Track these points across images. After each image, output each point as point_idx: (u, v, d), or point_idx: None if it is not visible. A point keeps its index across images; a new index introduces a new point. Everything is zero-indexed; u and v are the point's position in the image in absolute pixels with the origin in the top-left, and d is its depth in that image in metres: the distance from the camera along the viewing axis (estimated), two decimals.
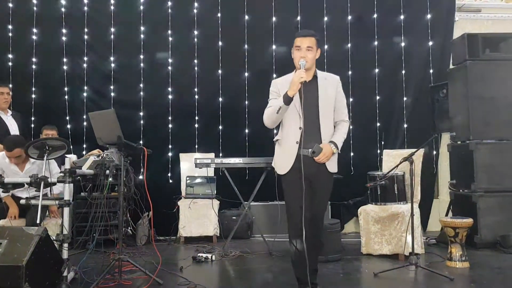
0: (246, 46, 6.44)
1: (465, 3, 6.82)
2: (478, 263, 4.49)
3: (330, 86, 3.32)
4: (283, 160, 3.30)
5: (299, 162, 3.14)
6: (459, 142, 5.66)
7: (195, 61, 6.38)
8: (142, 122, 6.29)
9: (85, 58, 6.25)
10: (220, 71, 6.40)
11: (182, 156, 6.15)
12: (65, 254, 3.42)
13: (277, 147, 3.41)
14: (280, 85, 3.32)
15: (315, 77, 3.31)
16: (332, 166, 3.31)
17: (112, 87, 6.27)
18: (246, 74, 6.44)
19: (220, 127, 6.40)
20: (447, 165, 6.15)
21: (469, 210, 5.16)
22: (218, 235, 5.68)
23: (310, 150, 3.16)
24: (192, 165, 5.42)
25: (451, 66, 6.06)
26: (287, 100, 3.12)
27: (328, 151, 3.18)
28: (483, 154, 5.31)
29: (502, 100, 5.38)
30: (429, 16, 6.55)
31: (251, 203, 5.38)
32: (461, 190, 5.58)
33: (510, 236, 5.02)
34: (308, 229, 3.18)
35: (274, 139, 3.44)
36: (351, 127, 5.19)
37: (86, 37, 6.25)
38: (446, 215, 5.77)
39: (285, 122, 3.30)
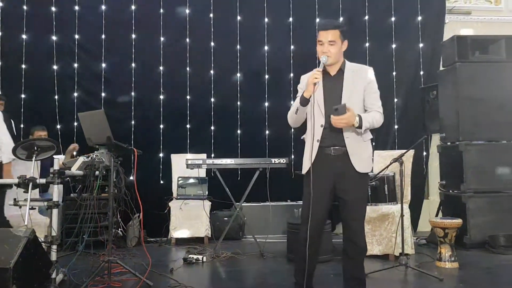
0: (238, 46, 6.44)
1: (455, 5, 6.88)
2: (468, 263, 4.52)
3: (359, 78, 3.07)
4: (305, 159, 3.12)
5: (320, 161, 2.98)
6: (449, 143, 5.70)
7: (187, 61, 6.36)
8: (133, 122, 6.26)
9: (76, 59, 6.21)
10: (212, 72, 6.40)
11: (174, 157, 6.14)
12: (53, 256, 3.38)
13: (305, 146, 3.18)
14: (305, 81, 3.06)
15: (341, 70, 3.10)
16: (362, 166, 3.03)
17: (103, 87, 6.24)
18: (238, 75, 6.44)
19: (212, 128, 6.39)
20: (437, 165, 6.18)
21: (458, 211, 5.20)
22: (210, 236, 5.67)
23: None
24: (184, 166, 5.40)
25: (441, 68, 6.10)
26: (304, 101, 2.96)
27: (350, 118, 2.85)
28: (473, 155, 5.35)
29: (491, 102, 5.42)
30: (419, 18, 6.60)
31: (243, 204, 5.37)
32: (450, 191, 5.62)
33: (499, 236, 5.07)
34: (345, 234, 3.09)
35: (302, 137, 3.27)
36: None
37: (77, 37, 6.21)
38: (436, 215, 5.82)
39: (308, 119, 3.11)
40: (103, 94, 6.24)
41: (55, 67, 6.18)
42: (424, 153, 6.52)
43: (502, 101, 5.44)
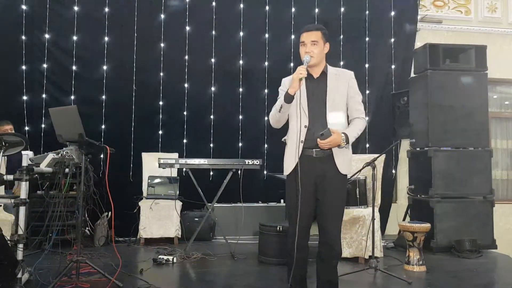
0: (213, 60, 6.41)
1: (427, 14, 7.03)
2: (435, 267, 4.62)
3: (342, 82, 3.11)
4: (287, 160, 3.10)
5: (304, 162, 2.98)
6: (418, 149, 5.81)
7: (161, 66, 6.29)
8: (103, 119, 6.13)
9: (46, 59, 6.02)
10: (186, 78, 6.35)
11: (145, 155, 6.04)
12: (19, 255, 3.28)
13: (286, 148, 3.18)
14: (287, 82, 3.10)
15: (323, 73, 3.12)
16: (344, 167, 3.06)
17: (73, 89, 6.07)
18: (212, 83, 6.41)
19: (185, 127, 6.33)
20: (406, 170, 6.29)
21: (426, 215, 5.30)
22: (180, 236, 5.61)
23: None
24: (155, 165, 5.32)
25: (412, 75, 6.22)
26: (288, 98, 2.94)
27: (337, 139, 2.91)
28: (441, 161, 5.47)
29: (460, 109, 5.55)
30: (392, 24, 6.71)
31: (214, 205, 5.33)
32: (419, 195, 5.73)
33: (465, 241, 5.19)
34: (321, 237, 3.08)
35: (283, 139, 3.25)
36: None
37: (47, 36, 6.02)
38: (404, 219, 5.92)
39: (291, 120, 3.11)
40: (72, 96, 6.06)
41: (23, 67, 5.98)
42: (394, 158, 6.63)
43: (471, 109, 5.58)
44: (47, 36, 6.03)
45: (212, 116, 6.41)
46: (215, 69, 6.43)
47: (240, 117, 6.46)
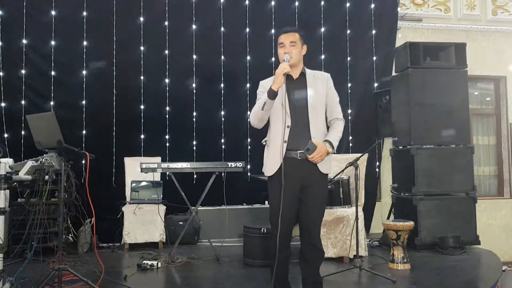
0: (194, 56, 6.36)
1: (407, 12, 7.09)
2: (419, 264, 4.65)
3: (320, 83, 3.17)
4: (270, 161, 3.12)
5: (287, 163, 2.98)
6: (400, 147, 5.85)
7: (141, 69, 6.22)
8: (84, 124, 6.05)
9: (24, 64, 5.92)
10: (167, 80, 6.29)
11: (127, 160, 5.98)
12: (0, 265, 3.23)
13: (266, 149, 3.21)
14: (266, 85, 3.12)
15: (302, 74, 3.17)
16: (325, 167, 3.12)
17: (52, 94, 5.97)
18: (194, 84, 6.36)
19: (167, 130, 6.28)
20: (389, 168, 6.34)
21: (409, 213, 5.35)
22: (164, 241, 5.56)
23: (304, 149, 2.96)
24: (137, 170, 5.26)
25: (393, 73, 6.26)
26: (272, 94, 2.95)
27: (323, 149, 3.00)
28: (423, 159, 5.52)
29: (441, 107, 5.60)
30: (373, 23, 6.75)
31: (198, 208, 5.29)
32: (402, 194, 5.77)
33: (448, 238, 5.24)
34: (305, 238, 3.10)
35: (263, 141, 3.26)
36: None
37: (24, 41, 5.92)
38: (388, 217, 5.96)
39: (272, 121, 3.13)
40: (52, 101, 5.96)
41: (1, 73, 5.87)
42: (377, 157, 6.67)
43: (451, 106, 5.63)
44: (24, 41, 5.93)
45: (194, 114, 6.35)
46: (196, 67, 6.37)
47: (222, 113, 6.42)
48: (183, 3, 6.37)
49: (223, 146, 6.36)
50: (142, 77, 6.23)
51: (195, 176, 6.07)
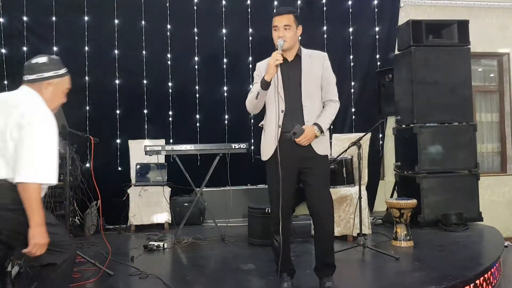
0: (195, 29, 6.33)
1: None
2: (422, 241, 4.70)
3: (316, 64, 3.13)
4: (266, 145, 3.16)
5: (282, 146, 3.00)
6: (403, 126, 5.85)
7: (143, 44, 6.20)
8: (88, 108, 6.07)
9: (25, 42, 5.92)
10: (169, 55, 6.28)
11: (131, 143, 6.01)
12: None
13: (262, 133, 3.24)
14: (262, 68, 3.09)
15: (298, 56, 3.13)
16: (322, 148, 3.11)
17: None
18: (196, 58, 6.34)
19: (170, 113, 6.29)
20: (392, 147, 6.34)
21: (413, 191, 5.37)
22: (170, 222, 5.63)
23: (291, 133, 2.98)
24: (142, 152, 5.29)
25: (396, 52, 6.22)
26: (265, 84, 2.96)
27: (310, 133, 2.98)
28: (426, 137, 5.52)
29: (444, 85, 5.58)
30: (375, 2, 6.68)
31: (203, 189, 5.35)
32: (405, 172, 5.79)
33: (451, 215, 5.27)
34: (315, 220, 3.18)
35: (260, 124, 3.28)
36: None
37: (25, 19, 5.91)
38: (391, 196, 5.99)
39: (268, 105, 3.13)
40: None
41: (3, 50, 5.89)
42: (380, 135, 6.67)
43: (454, 84, 5.60)
44: (25, 18, 5.91)
45: (197, 88, 6.35)
46: (197, 43, 6.35)
47: (226, 100, 6.42)
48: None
49: (226, 127, 6.37)
50: (144, 52, 6.20)
51: (199, 158, 6.10)
